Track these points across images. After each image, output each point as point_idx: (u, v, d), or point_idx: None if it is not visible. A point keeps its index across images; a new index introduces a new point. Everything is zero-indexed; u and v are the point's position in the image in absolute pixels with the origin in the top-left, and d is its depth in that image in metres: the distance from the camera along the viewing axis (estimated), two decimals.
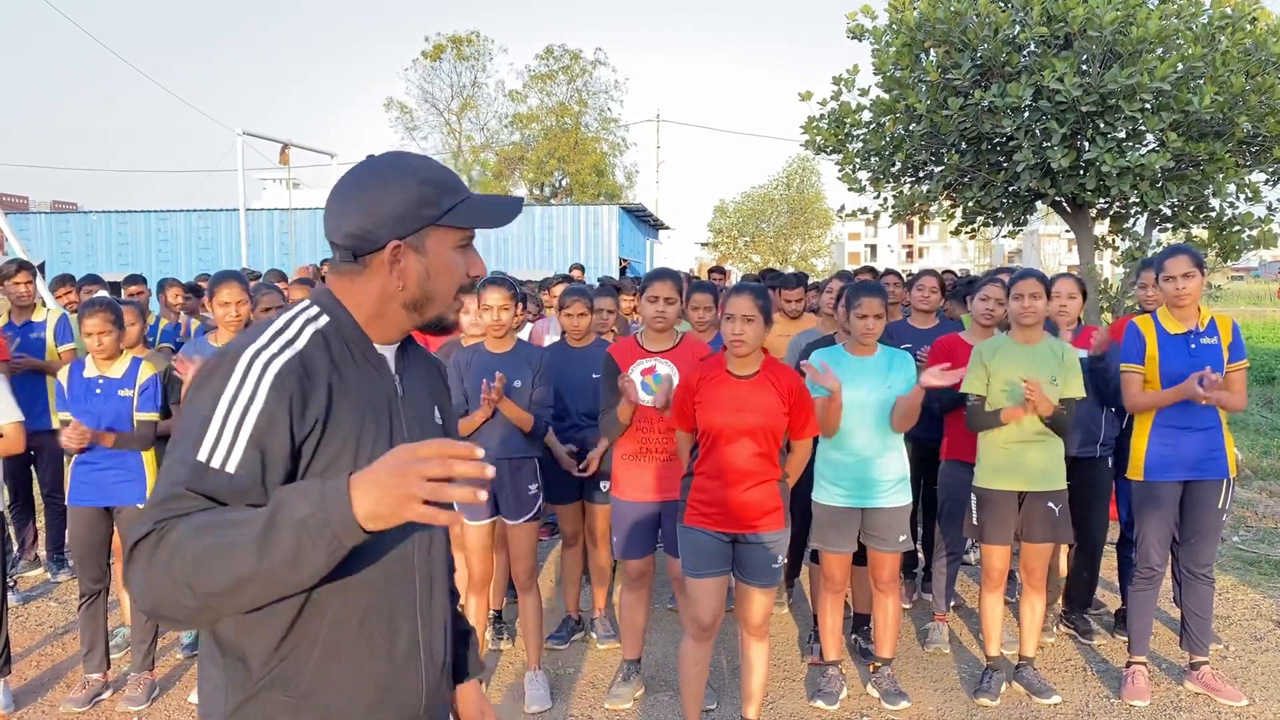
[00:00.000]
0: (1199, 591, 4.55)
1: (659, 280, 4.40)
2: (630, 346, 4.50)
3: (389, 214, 1.59)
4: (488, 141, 42.39)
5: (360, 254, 1.61)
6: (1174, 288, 4.36)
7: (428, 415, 1.77)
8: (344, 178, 1.66)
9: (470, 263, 1.68)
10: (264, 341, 1.55)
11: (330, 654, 1.57)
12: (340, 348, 1.62)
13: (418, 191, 1.60)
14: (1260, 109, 8.30)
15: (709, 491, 3.82)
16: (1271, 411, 12.87)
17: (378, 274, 1.62)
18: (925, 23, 9.04)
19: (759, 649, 3.97)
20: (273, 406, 1.48)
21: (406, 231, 1.60)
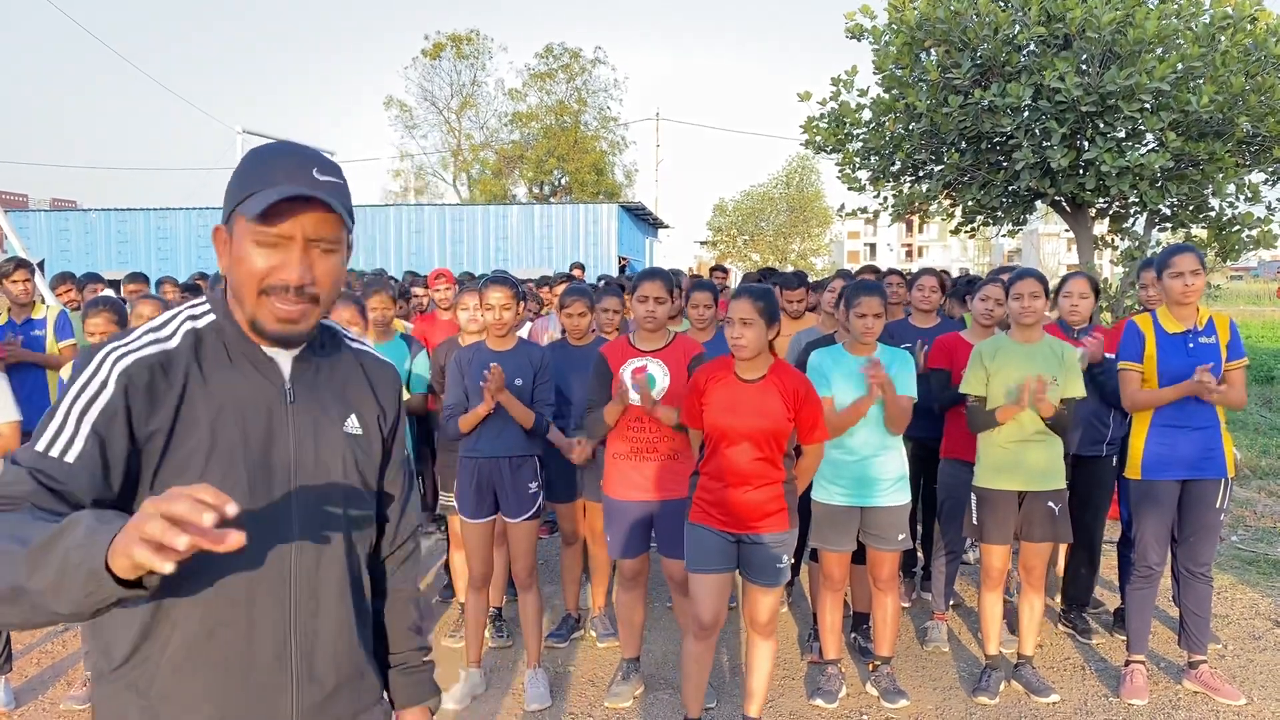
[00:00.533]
0: (1197, 590, 4.56)
1: (649, 280, 4.40)
2: (622, 346, 4.51)
3: (227, 197, 1.57)
4: (487, 140, 42.40)
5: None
6: (1182, 284, 4.35)
7: (331, 423, 1.67)
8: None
9: (271, 263, 1.52)
10: (131, 339, 1.54)
11: (179, 665, 1.53)
12: (215, 349, 1.58)
13: (238, 176, 1.56)
14: (1260, 109, 8.30)
15: (713, 491, 3.83)
16: (1270, 411, 12.88)
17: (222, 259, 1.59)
18: (925, 22, 9.04)
19: (764, 648, 3.98)
20: (116, 401, 1.46)
21: (225, 216, 1.57)
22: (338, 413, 1.69)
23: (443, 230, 25.58)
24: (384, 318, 5.37)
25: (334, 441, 1.66)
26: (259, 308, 1.54)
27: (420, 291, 8.04)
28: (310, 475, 1.62)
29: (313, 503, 1.62)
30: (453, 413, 4.50)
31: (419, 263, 24.02)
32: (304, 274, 1.52)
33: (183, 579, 1.45)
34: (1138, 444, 4.51)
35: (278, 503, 1.58)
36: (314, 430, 1.63)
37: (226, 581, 1.53)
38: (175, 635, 1.52)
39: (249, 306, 1.55)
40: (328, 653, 1.65)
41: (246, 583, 1.54)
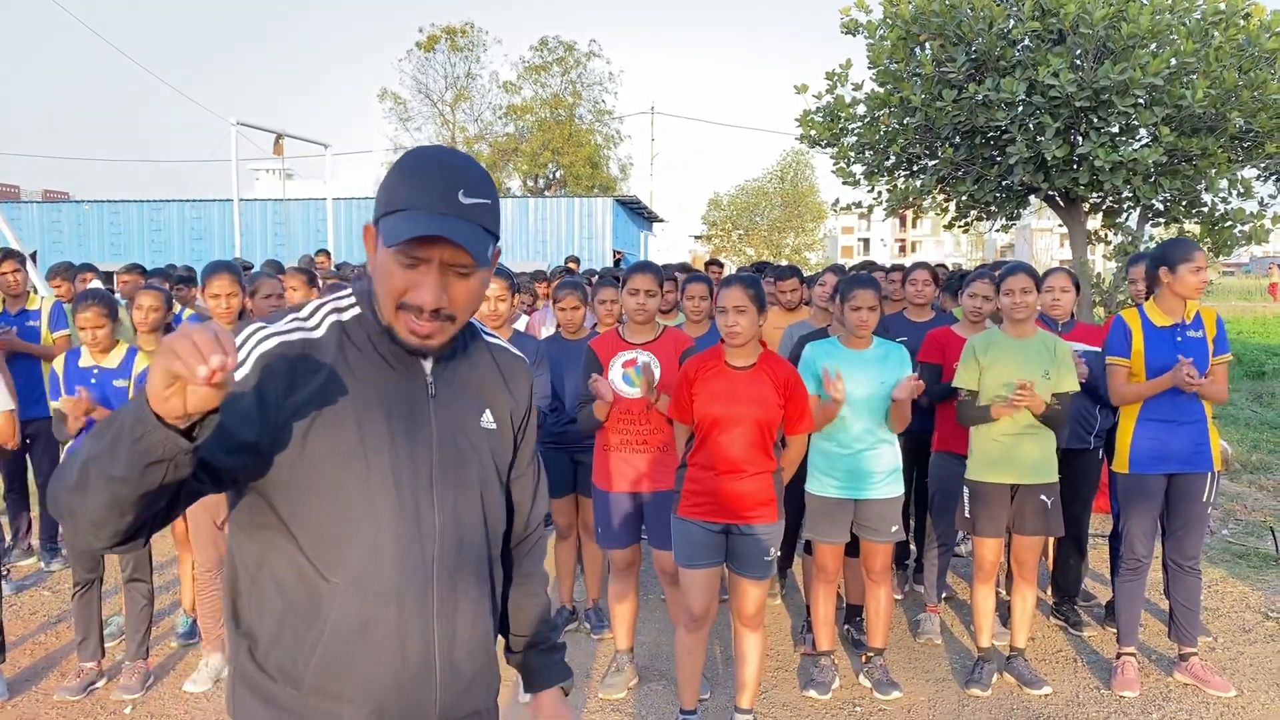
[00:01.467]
0: (1186, 583, 4.59)
1: (639, 273, 4.41)
2: (612, 339, 4.52)
3: (380, 195, 1.55)
4: (481, 133, 42.29)
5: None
6: (1199, 280, 4.38)
7: (469, 417, 1.69)
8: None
9: (409, 283, 1.52)
10: (279, 323, 1.55)
11: (333, 661, 1.54)
12: (361, 341, 1.59)
13: (393, 179, 1.53)
14: (1253, 104, 8.33)
15: (702, 482, 3.84)
16: (1261, 406, 12.94)
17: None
18: (920, 16, 9.04)
19: (752, 640, 4.00)
20: (250, 378, 1.47)
21: (375, 218, 1.56)
22: (475, 408, 1.71)
23: None
24: None
25: (474, 437, 1.69)
26: (396, 320, 1.55)
27: None
28: (452, 470, 1.64)
29: (454, 498, 1.64)
30: None
31: None
32: (439, 298, 1.52)
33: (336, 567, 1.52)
34: (1125, 438, 4.54)
35: (421, 497, 1.59)
36: (454, 425, 1.65)
37: (378, 576, 1.55)
38: (329, 630, 1.54)
39: (386, 317, 1.57)
40: (465, 645, 1.67)
41: (398, 577, 1.56)
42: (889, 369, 4.38)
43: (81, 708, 4.41)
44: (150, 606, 4.64)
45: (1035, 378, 4.40)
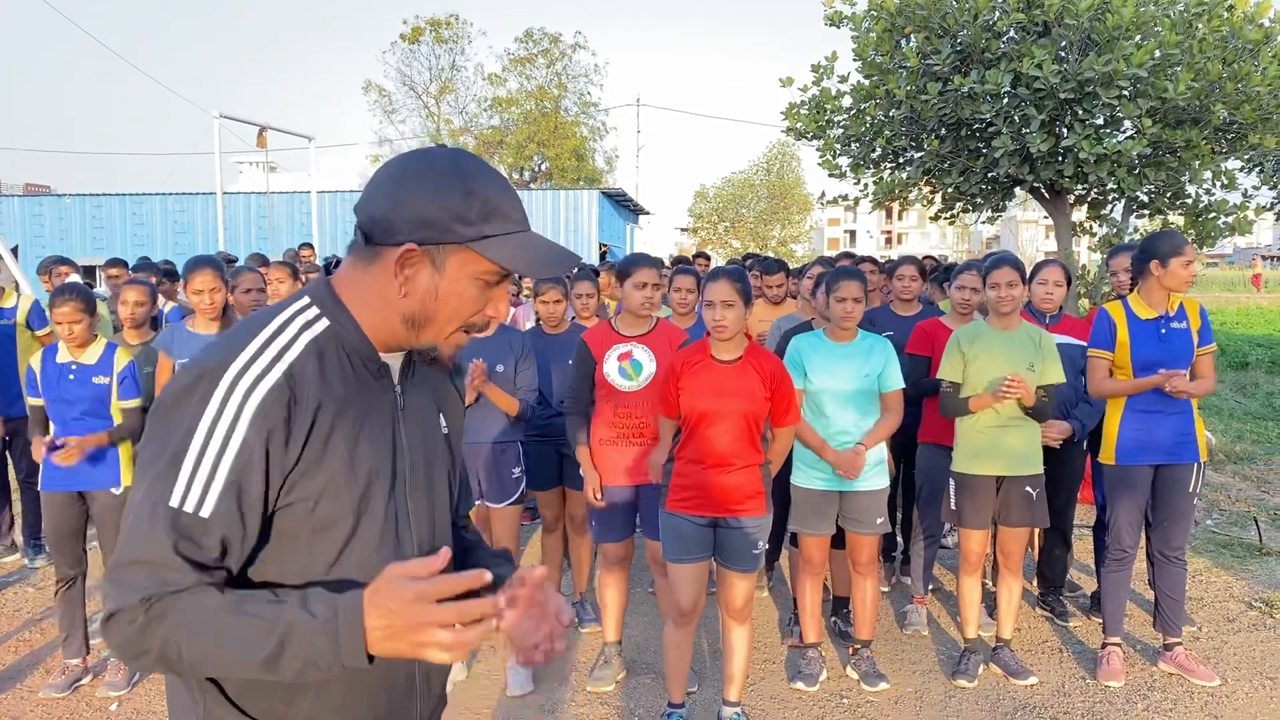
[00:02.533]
0: (1172, 574, 4.62)
1: (646, 266, 4.40)
2: (605, 332, 4.50)
3: (416, 213, 1.41)
4: (466, 125, 42.11)
5: (372, 241, 1.46)
6: (1188, 274, 4.39)
7: (432, 426, 1.64)
8: (399, 157, 1.50)
9: (492, 301, 1.50)
10: (249, 355, 1.40)
11: (326, 699, 1.50)
12: (338, 357, 1.47)
13: (461, 203, 1.42)
14: (1236, 96, 8.36)
15: (690, 475, 3.83)
16: (1245, 397, 13.02)
17: (386, 271, 1.45)
18: (905, 8, 9.04)
19: (740, 633, 4.00)
20: (252, 443, 1.35)
21: (428, 239, 1.42)
22: (434, 415, 1.65)
23: None
24: None
25: (437, 445, 1.64)
26: (451, 338, 1.51)
27: None
28: (423, 483, 1.59)
29: (426, 511, 1.60)
30: None
31: None
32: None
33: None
34: (1112, 429, 4.56)
35: (400, 515, 1.53)
36: (421, 437, 1.59)
37: None
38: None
39: (436, 334, 1.49)
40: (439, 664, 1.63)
41: None
42: (873, 361, 4.39)
43: (67, 705, 4.38)
44: None
45: (1021, 370, 4.41)
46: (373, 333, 1.50)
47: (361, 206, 1.47)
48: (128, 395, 4.45)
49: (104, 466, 4.43)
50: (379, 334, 1.50)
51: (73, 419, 4.39)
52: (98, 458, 4.40)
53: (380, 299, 1.47)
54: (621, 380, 4.38)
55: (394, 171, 1.46)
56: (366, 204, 1.46)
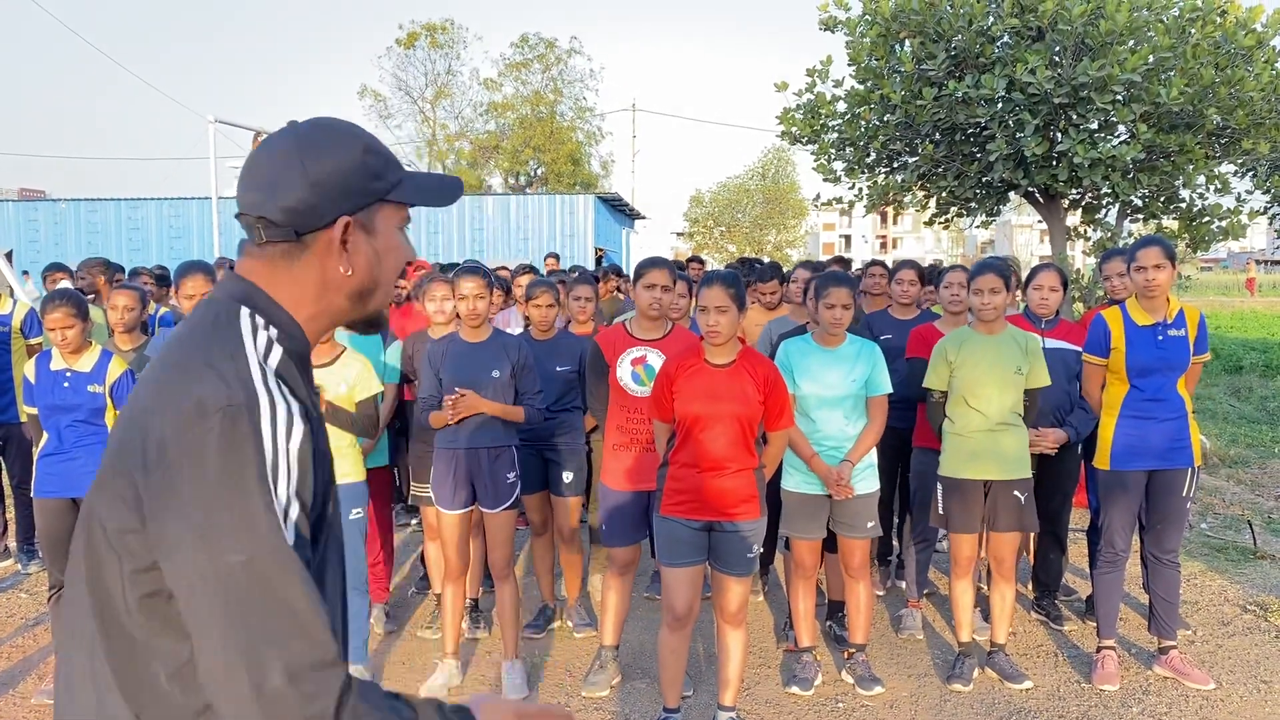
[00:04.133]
0: (1166, 577, 4.62)
1: (655, 268, 4.41)
2: (620, 335, 4.51)
3: (338, 185, 1.36)
4: (462, 130, 42.19)
5: (303, 231, 1.36)
6: (1144, 278, 4.42)
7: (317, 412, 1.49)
8: (270, 145, 1.39)
9: (409, 248, 1.48)
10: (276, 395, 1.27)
11: None
12: (297, 365, 1.38)
13: (366, 160, 1.39)
14: (1230, 101, 8.38)
15: (684, 479, 3.83)
16: (1239, 400, 13.04)
17: (320, 257, 1.38)
18: (900, 13, 9.06)
19: (735, 637, 4.00)
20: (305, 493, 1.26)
21: (357, 206, 1.38)
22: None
23: (417, 220, 25.41)
24: None
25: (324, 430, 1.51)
26: (390, 296, 1.49)
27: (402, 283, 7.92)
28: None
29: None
30: (427, 405, 4.49)
31: None
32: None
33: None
34: (1106, 434, 4.57)
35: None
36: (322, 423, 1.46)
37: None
38: None
39: (383, 297, 1.47)
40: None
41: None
42: (861, 366, 4.40)
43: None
44: None
45: (1008, 374, 4.44)
46: (308, 327, 1.42)
47: (263, 202, 1.36)
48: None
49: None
50: (312, 328, 1.43)
51: (66, 427, 4.38)
52: (92, 465, 4.38)
53: (319, 287, 1.40)
54: (634, 385, 4.39)
55: (288, 156, 1.36)
56: (273, 197, 1.35)
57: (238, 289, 1.38)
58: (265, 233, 1.37)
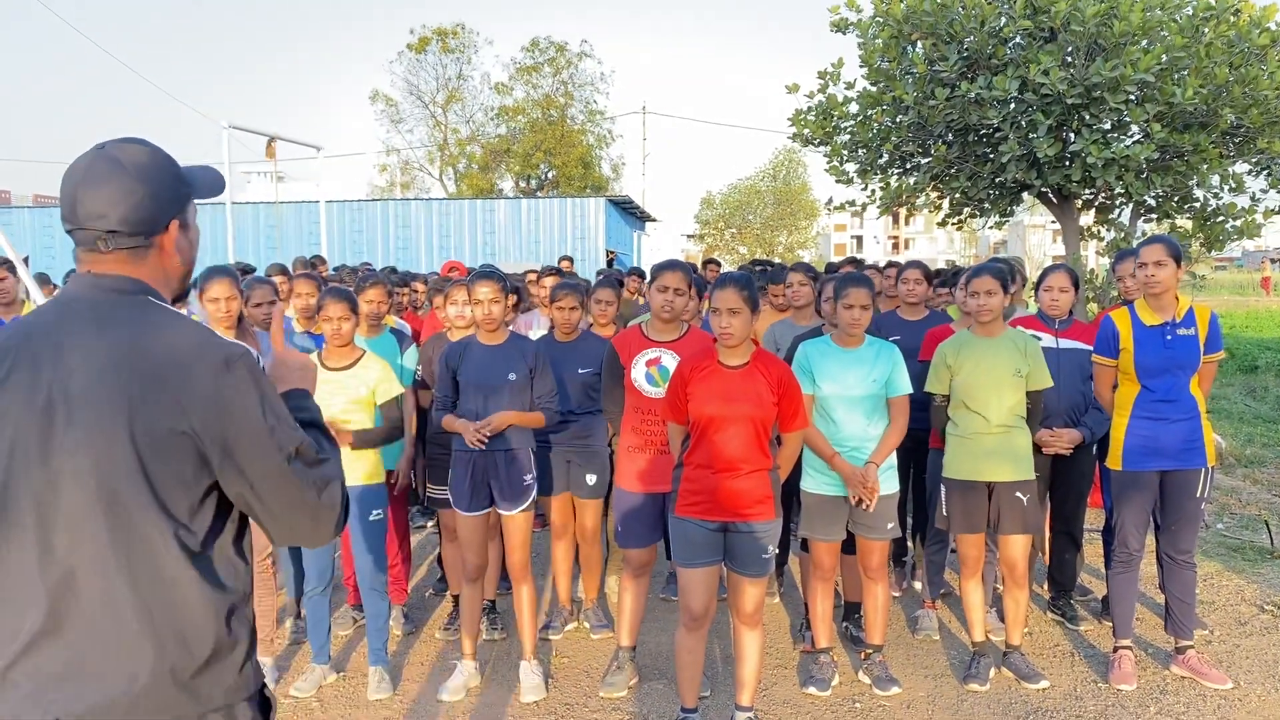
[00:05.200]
0: (1181, 577, 4.63)
1: (670, 270, 4.45)
2: (635, 337, 4.54)
3: (165, 197, 1.78)
4: (474, 134, 42.26)
5: (151, 235, 1.77)
6: (1145, 275, 4.43)
7: None
8: (95, 169, 1.73)
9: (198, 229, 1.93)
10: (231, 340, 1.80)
11: None
12: None
13: (177, 172, 1.82)
14: (1244, 100, 8.36)
15: (699, 480, 3.86)
16: (1255, 400, 12.99)
17: (161, 252, 1.81)
18: (912, 15, 9.06)
19: (751, 637, 4.01)
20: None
21: (181, 209, 1.82)
22: None
23: (429, 225, 25.51)
24: (378, 311, 5.39)
25: None
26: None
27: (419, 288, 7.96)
28: None
29: None
30: (442, 405, 4.54)
31: (406, 258, 23.96)
32: None
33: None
34: (1119, 435, 4.58)
35: None
36: None
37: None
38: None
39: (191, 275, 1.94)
40: None
41: None
42: (880, 367, 4.41)
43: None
44: None
45: (1006, 376, 4.46)
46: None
47: (108, 213, 1.72)
48: None
49: None
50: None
51: None
52: None
53: (164, 276, 1.83)
54: (649, 386, 4.42)
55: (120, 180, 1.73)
56: (120, 208, 1.73)
57: (126, 283, 1.76)
58: (113, 241, 1.74)
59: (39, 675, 1.62)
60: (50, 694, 1.61)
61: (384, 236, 24.98)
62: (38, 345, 1.69)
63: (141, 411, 1.64)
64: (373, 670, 4.57)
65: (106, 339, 1.68)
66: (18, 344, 1.71)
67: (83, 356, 1.67)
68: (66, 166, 1.77)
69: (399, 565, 5.42)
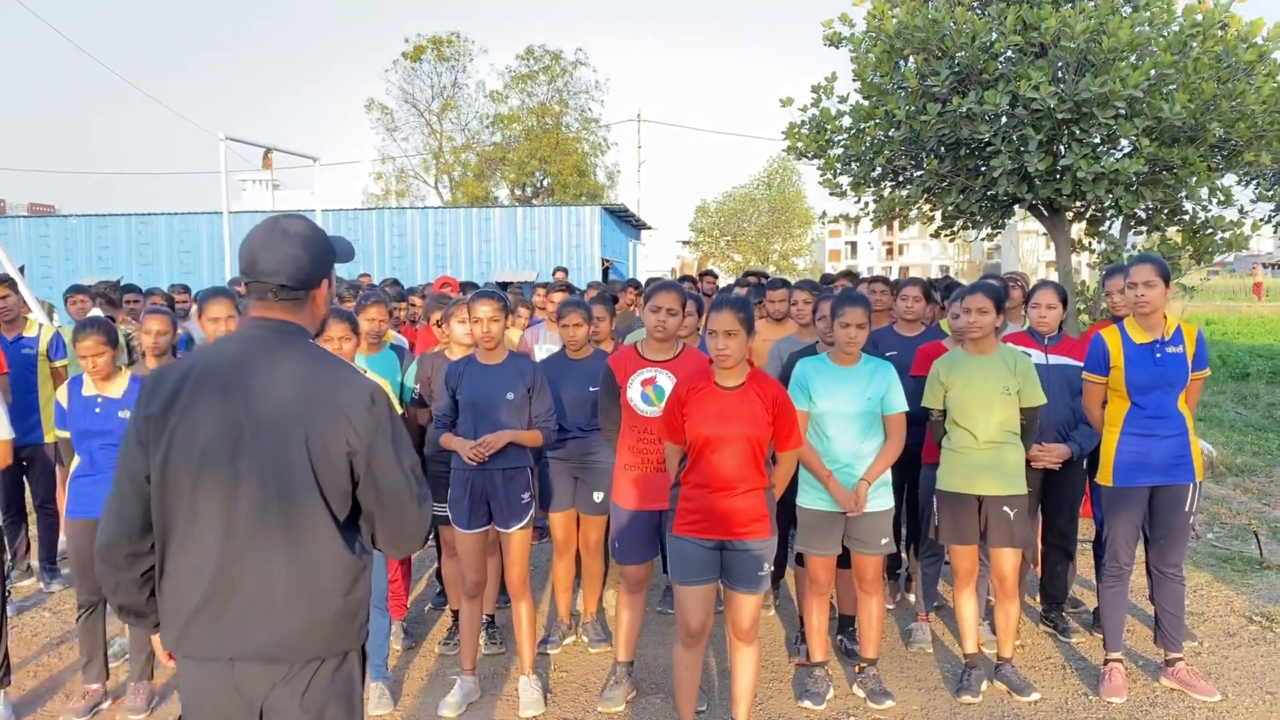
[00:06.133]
0: (1171, 590, 4.70)
1: (663, 291, 4.51)
2: (630, 356, 4.60)
3: (322, 260, 2.37)
4: (469, 142, 42.33)
5: (309, 289, 2.37)
6: (1135, 294, 4.51)
7: None
8: (276, 234, 2.32)
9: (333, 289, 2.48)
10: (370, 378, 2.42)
11: None
12: None
13: (328, 245, 2.41)
14: (1231, 114, 8.45)
15: (696, 500, 3.92)
16: (1245, 408, 13.08)
17: (312, 303, 2.39)
18: (904, 30, 9.15)
19: (747, 653, 4.08)
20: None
21: (329, 271, 2.42)
22: None
23: (425, 233, 25.57)
24: (379, 329, 5.44)
25: None
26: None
27: (416, 302, 8.00)
28: None
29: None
30: (441, 422, 4.60)
31: (401, 266, 24.01)
32: None
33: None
34: (1109, 451, 4.65)
35: None
36: None
37: None
38: None
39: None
40: None
41: None
42: (875, 385, 4.49)
43: None
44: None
45: (995, 394, 4.53)
46: None
47: (276, 273, 2.30)
48: None
49: None
50: None
51: (98, 450, 4.50)
52: None
53: (313, 320, 2.42)
54: (644, 406, 4.48)
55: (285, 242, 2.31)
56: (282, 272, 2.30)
57: (289, 326, 2.35)
58: (281, 293, 2.32)
59: (216, 625, 2.22)
60: (225, 639, 2.22)
61: (380, 245, 25.02)
62: (225, 373, 2.26)
63: (315, 429, 2.24)
64: (373, 686, 4.63)
65: (282, 369, 2.27)
66: (205, 369, 2.28)
67: (262, 382, 2.25)
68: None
69: (399, 580, 5.48)
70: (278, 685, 2.22)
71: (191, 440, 2.22)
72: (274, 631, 2.21)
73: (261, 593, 2.21)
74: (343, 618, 2.28)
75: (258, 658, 2.21)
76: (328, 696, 2.28)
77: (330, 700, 2.28)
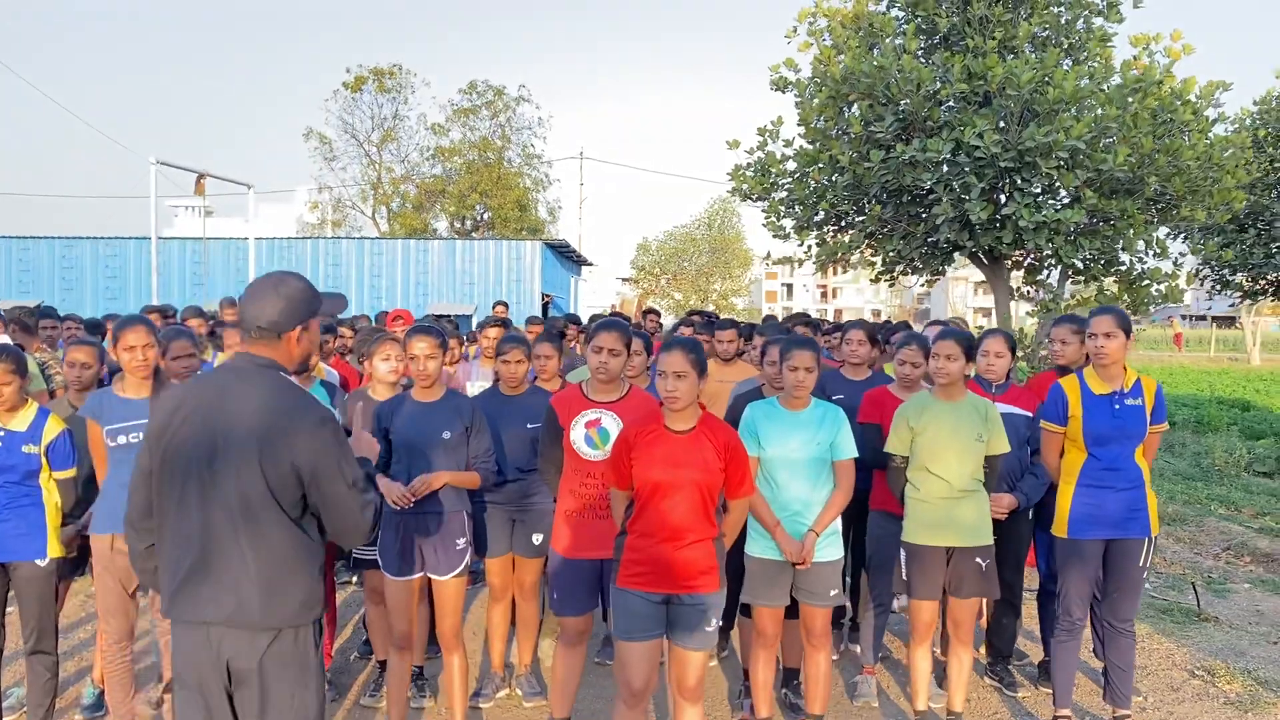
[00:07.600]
0: (1121, 645, 4.63)
1: (606, 330, 4.31)
2: (575, 396, 4.40)
3: (300, 311, 2.86)
4: (408, 173, 41.98)
5: (282, 333, 2.84)
6: (1094, 345, 4.48)
7: None
8: (267, 286, 2.83)
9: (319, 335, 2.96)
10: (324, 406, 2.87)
11: None
12: None
13: (310, 297, 2.88)
14: (1168, 169, 8.66)
15: (643, 550, 3.74)
16: (1173, 456, 13.28)
17: (286, 344, 2.87)
18: (850, 76, 9.22)
19: (692, 713, 3.89)
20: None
21: (303, 321, 2.88)
22: None
23: (360, 264, 25.19)
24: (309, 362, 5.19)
25: None
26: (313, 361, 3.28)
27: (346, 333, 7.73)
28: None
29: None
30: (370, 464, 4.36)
31: None
32: None
33: None
34: (1064, 503, 4.59)
35: None
36: None
37: None
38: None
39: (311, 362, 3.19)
40: None
41: None
42: (825, 430, 4.37)
43: None
44: (54, 680, 4.36)
45: (969, 441, 4.44)
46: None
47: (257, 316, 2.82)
48: (62, 466, 4.23)
49: (28, 536, 4.19)
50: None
51: None
52: (23, 528, 4.18)
53: (288, 357, 2.89)
54: (588, 449, 4.28)
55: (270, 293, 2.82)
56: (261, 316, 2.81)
57: (264, 360, 2.84)
58: (258, 333, 2.83)
59: (196, 596, 2.72)
60: (201, 607, 2.72)
61: (314, 275, 24.54)
62: (210, 396, 2.78)
63: (268, 449, 2.70)
64: None
65: (250, 395, 2.75)
66: (200, 390, 2.82)
67: (236, 405, 2.74)
68: None
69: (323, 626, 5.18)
70: (240, 647, 2.71)
71: (181, 448, 2.74)
72: (239, 604, 2.70)
73: (230, 573, 2.71)
74: (296, 596, 2.75)
75: (226, 623, 2.70)
76: (282, 660, 2.76)
77: (284, 665, 2.76)
